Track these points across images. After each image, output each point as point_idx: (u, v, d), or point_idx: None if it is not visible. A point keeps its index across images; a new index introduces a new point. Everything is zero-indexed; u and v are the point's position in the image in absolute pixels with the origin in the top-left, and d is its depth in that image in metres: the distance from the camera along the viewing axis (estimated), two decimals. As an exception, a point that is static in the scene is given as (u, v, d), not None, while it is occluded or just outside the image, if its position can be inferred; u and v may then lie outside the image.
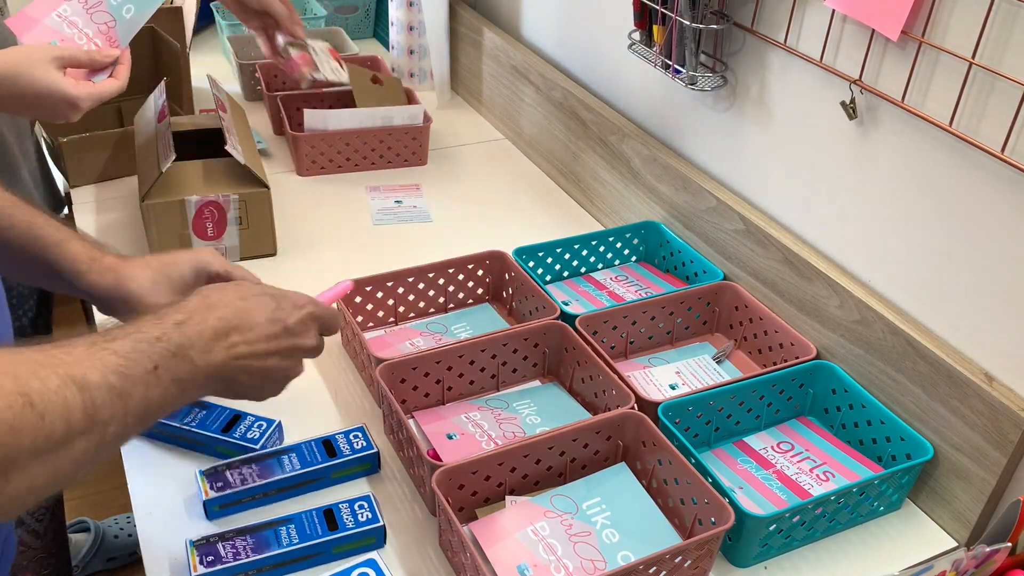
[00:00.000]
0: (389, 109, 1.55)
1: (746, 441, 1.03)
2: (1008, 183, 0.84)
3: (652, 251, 1.33)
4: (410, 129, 1.57)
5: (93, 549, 1.79)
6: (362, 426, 0.99)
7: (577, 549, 0.87)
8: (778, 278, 1.11)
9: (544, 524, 0.89)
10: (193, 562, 0.83)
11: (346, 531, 0.87)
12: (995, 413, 0.87)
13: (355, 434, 0.98)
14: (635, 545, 0.88)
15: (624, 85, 1.40)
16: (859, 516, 0.94)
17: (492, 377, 1.09)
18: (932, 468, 0.95)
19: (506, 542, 0.86)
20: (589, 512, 0.91)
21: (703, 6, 1.08)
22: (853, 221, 1.03)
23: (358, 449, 0.96)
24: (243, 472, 0.92)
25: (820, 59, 1.01)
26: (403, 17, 1.78)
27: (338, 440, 0.97)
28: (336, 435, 0.98)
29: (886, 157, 0.97)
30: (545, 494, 0.92)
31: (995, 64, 0.82)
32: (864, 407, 1.00)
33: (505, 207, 1.50)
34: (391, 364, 1.00)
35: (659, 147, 1.31)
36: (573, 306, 1.22)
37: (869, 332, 1.00)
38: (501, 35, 1.69)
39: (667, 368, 1.13)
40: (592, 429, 0.95)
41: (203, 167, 1.29)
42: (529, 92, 1.60)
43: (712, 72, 1.16)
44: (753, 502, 0.95)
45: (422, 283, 1.19)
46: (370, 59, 1.86)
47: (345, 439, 0.97)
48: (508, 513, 0.89)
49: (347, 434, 0.98)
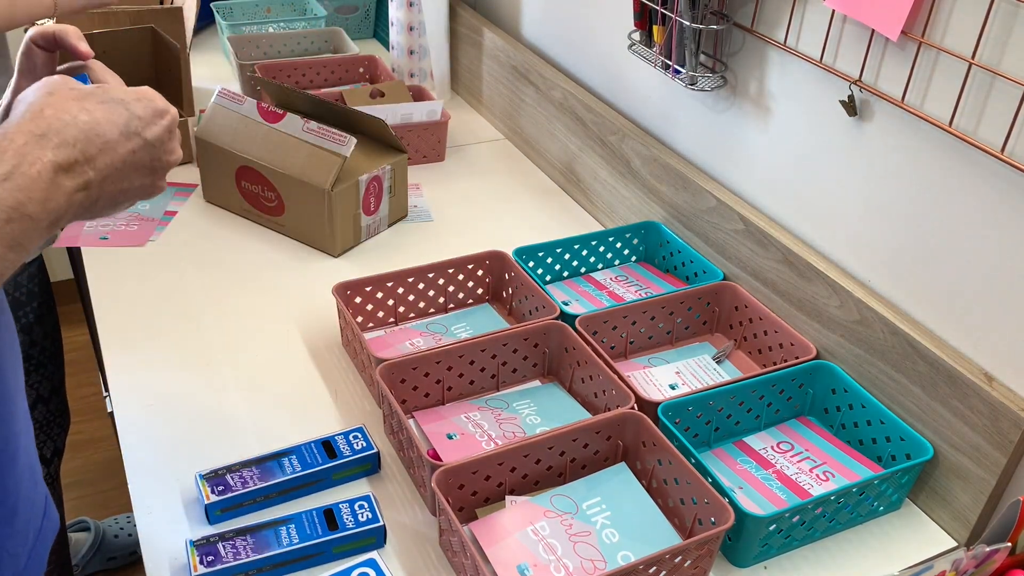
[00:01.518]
0: (410, 105, 1.56)
1: (746, 441, 1.03)
2: (1008, 183, 0.84)
3: (652, 251, 1.34)
4: (429, 126, 1.58)
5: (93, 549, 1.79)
6: (362, 427, 0.99)
7: (577, 549, 0.87)
8: (778, 278, 1.11)
9: (544, 524, 0.89)
10: (193, 562, 0.83)
11: (346, 531, 0.87)
12: (995, 413, 0.87)
13: (355, 435, 0.98)
14: (635, 545, 0.88)
15: (624, 85, 1.40)
16: (859, 516, 0.94)
17: (492, 377, 1.09)
18: (932, 468, 0.95)
19: (506, 542, 0.86)
20: (589, 512, 0.91)
21: (703, 6, 1.08)
22: (853, 221, 1.03)
23: (358, 450, 0.96)
24: (243, 475, 0.92)
25: (820, 59, 1.01)
26: (403, 17, 1.78)
27: (338, 441, 0.97)
28: (336, 436, 0.98)
29: (886, 157, 0.97)
30: (545, 494, 0.92)
31: (995, 64, 0.82)
32: (864, 407, 1.00)
33: (505, 207, 1.50)
34: (391, 364, 1.00)
35: (659, 147, 1.31)
36: (573, 306, 1.22)
37: (869, 332, 1.00)
38: (501, 35, 1.69)
39: (667, 368, 1.13)
40: (592, 429, 0.95)
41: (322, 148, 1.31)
42: (529, 92, 1.60)
43: (712, 72, 1.16)
44: (753, 502, 0.95)
45: (422, 283, 1.19)
46: (367, 59, 1.86)
47: (345, 440, 0.97)
48: (508, 513, 0.89)
49: (347, 435, 0.98)
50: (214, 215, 1.42)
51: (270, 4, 2.07)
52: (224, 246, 1.34)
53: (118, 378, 1.09)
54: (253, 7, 2.04)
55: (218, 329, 1.18)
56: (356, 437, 0.98)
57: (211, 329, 1.17)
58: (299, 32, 1.93)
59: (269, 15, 2.07)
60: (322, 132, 1.29)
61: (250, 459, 0.94)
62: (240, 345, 1.15)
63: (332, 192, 1.27)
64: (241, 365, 1.12)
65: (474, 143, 1.71)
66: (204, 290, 1.25)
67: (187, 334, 1.17)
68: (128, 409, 1.04)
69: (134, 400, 1.06)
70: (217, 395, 1.07)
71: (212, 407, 1.05)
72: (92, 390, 2.29)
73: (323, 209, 1.29)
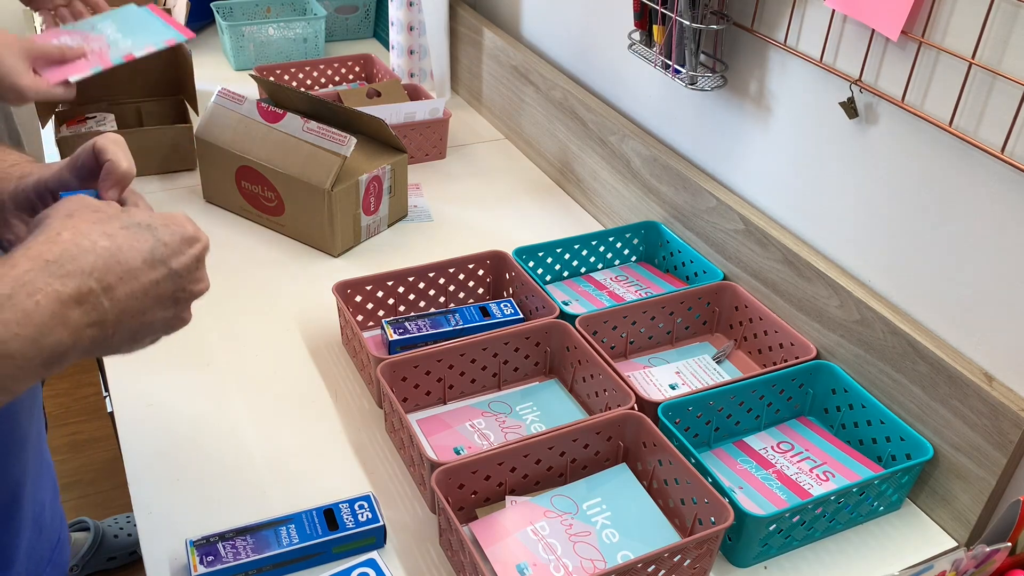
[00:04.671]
0: (413, 104, 1.56)
1: (746, 441, 1.03)
2: (1008, 183, 0.84)
3: (652, 251, 1.34)
4: (430, 124, 1.58)
5: (93, 549, 1.79)
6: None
7: (577, 549, 0.87)
8: (778, 278, 1.11)
9: (544, 524, 0.89)
10: (193, 562, 0.82)
11: (346, 531, 0.87)
12: (995, 413, 0.87)
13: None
14: (635, 545, 0.88)
15: (624, 85, 1.40)
16: (859, 516, 0.94)
17: (494, 376, 1.09)
18: (932, 468, 0.95)
19: (505, 541, 0.86)
20: (589, 512, 0.91)
21: (703, 6, 1.08)
22: (853, 221, 1.03)
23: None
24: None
25: (820, 59, 1.01)
26: (403, 17, 1.78)
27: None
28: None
29: (886, 157, 0.97)
30: (545, 494, 0.92)
31: (995, 64, 0.82)
32: (864, 407, 1.00)
33: (505, 207, 1.50)
34: (392, 362, 1.00)
35: (659, 147, 1.31)
36: (573, 306, 1.22)
37: (869, 332, 1.00)
38: (501, 35, 1.69)
39: (667, 368, 1.13)
40: (592, 429, 0.95)
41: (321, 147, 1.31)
42: (529, 92, 1.60)
43: (712, 72, 1.16)
44: (753, 502, 0.95)
45: (422, 283, 1.19)
46: (363, 57, 1.86)
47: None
48: (508, 513, 0.89)
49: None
50: (214, 215, 1.42)
51: (270, 4, 2.07)
52: (224, 246, 1.34)
53: (118, 378, 1.09)
54: (253, 7, 2.04)
55: (218, 329, 1.17)
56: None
57: (211, 329, 1.17)
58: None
59: (269, 15, 2.07)
60: (322, 132, 1.29)
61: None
62: (240, 344, 1.15)
63: (332, 192, 1.27)
64: (241, 364, 1.12)
65: (474, 143, 1.71)
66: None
67: (187, 334, 1.15)
68: (128, 409, 1.04)
69: (134, 400, 1.06)
70: (217, 395, 1.07)
71: (212, 407, 1.05)
72: (92, 390, 2.29)
73: (323, 209, 1.29)
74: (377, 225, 1.38)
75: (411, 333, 1.09)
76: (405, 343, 1.08)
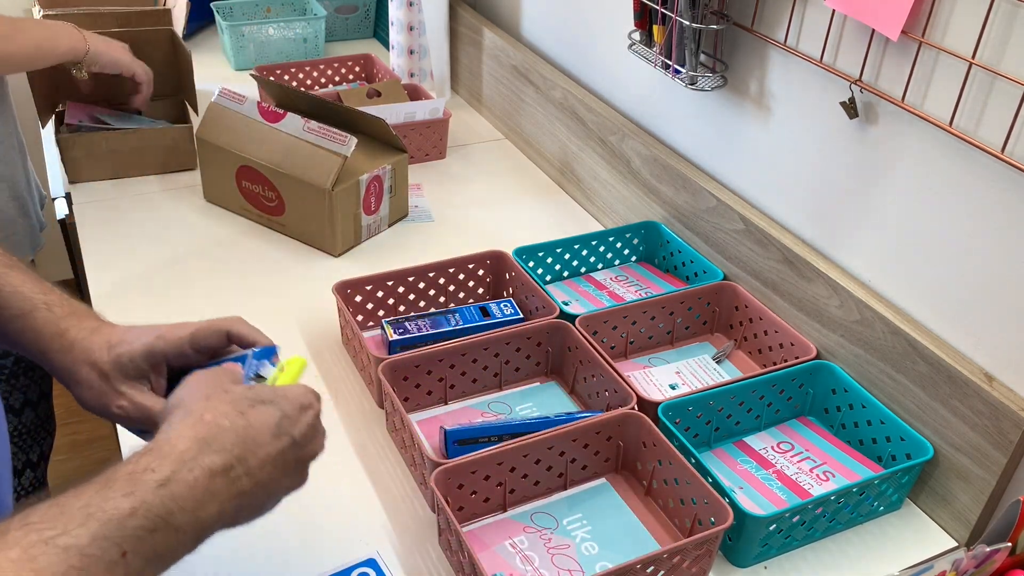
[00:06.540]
0: (413, 104, 1.56)
1: (746, 441, 1.03)
2: (1008, 183, 0.84)
3: (652, 251, 1.34)
4: (430, 123, 1.58)
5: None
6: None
7: (555, 560, 0.87)
8: (778, 278, 1.11)
9: (523, 538, 0.90)
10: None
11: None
12: (995, 413, 0.87)
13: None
14: (615, 557, 0.88)
15: (624, 85, 1.40)
16: (859, 516, 0.94)
17: (495, 376, 1.09)
18: (932, 468, 0.95)
19: (483, 554, 0.87)
20: (569, 527, 0.91)
21: (703, 6, 1.08)
22: (853, 221, 1.03)
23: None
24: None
25: (820, 59, 1.01)
26: (403, 17, 1.78)
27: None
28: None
29: (886, 157, 0.97)
30: (526, 511, 0.93)
31: (995, 64, 0.82)
32: (864, 407, 1.00)
33: (505, 207, 1.50)
34: (393, 362, 1.00)
35: (659, 147, 1.31)
36: (573, 306, 1.22)
37: (869, 332, 1.00)
38: (501, 35, 1.69)
39: (667, 368, 1.13)
40: (592, 429, 0.95)
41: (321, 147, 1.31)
42: (529, 92, 1.60)
43: (712, 72, 1.16)
44: (753, 502, 0.95)
45: (422, 282, 1.19)
46: (363, 57, 1.86)
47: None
48: (488, 528, 0.90)
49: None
50: (214, 214, 1.42)
51: (270, 4, 2.07)
52: (224, 245, 1.34)
53: (118, 378, 1.09)
54: (253, 7, 2.04)
55: (218, 329, 1.17)
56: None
57: (211, 329, 1.17)
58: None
59: (269, 15, 2.07)
60: (323, 132, 1.28)
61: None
62: (240, 345, 1.15)
63: (333, 192, 1.27)
64: (241, 365, 1.12)
65: (474, 143, 1.71)
66: (204, 289, 1.25)
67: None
68: (128, 409, 1.04)
69: (134, 400, 1.05)
70: (217, 395, 1.07)
71: (212, 407, 1.05)
72: (92, 390, 2.29)
73: (324, 209, 1.29)
74: (377, 225, 1.38)
75: (411, 333, 1.09)
76: (405, 343, 1.08)
